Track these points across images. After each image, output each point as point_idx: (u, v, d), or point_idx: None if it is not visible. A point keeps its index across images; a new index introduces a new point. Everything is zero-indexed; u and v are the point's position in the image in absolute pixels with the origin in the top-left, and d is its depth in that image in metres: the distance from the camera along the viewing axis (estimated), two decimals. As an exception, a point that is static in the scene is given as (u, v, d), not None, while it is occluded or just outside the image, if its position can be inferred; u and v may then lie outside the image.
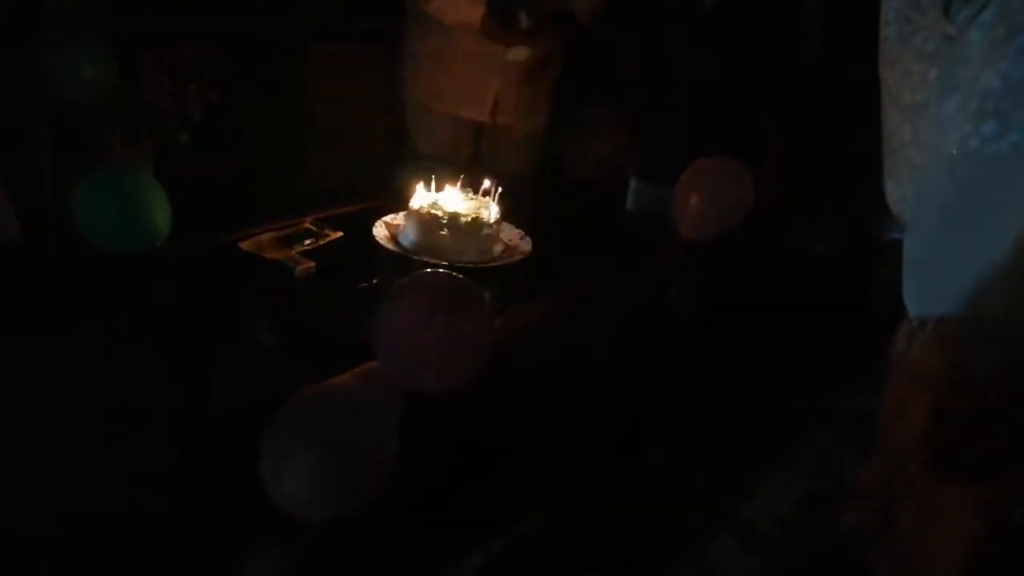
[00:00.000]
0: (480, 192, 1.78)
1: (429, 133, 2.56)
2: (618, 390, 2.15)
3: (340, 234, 1.74)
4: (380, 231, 1.72)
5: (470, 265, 1.61)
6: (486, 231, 1.68)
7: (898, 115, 1.23)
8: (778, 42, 2.22)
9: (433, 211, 1.67)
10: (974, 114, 1.07)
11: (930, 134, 1.15)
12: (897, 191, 1.27)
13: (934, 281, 1.17)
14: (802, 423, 2.29)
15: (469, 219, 1.66)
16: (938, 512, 1.21)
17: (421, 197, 1.73)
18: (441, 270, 1.35)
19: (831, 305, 2.41)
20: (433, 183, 1.77)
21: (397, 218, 1.79)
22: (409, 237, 1.69)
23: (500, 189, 1.76)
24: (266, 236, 1.70)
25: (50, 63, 2.15)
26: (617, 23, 2.52)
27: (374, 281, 1.55)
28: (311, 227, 1.76)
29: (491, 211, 1.72)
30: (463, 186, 1.78)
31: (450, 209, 1.68)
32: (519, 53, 2.34)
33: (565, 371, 2.10)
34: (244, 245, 1.65)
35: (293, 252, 1.63)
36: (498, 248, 1.72)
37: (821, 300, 2.43)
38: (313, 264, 1.58)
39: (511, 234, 1.80)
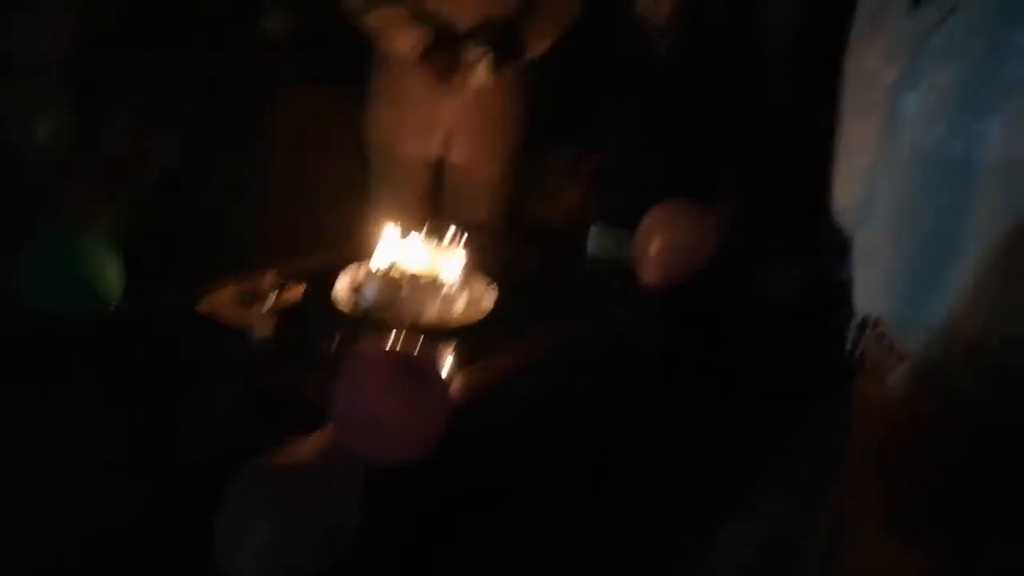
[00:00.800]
0: (446, 241, 1.78)
1: (389, 176, 2.54)
2: (584, 437, 2.14)
3: (302, 288, 1.72)
4: (341, 288, 1.71)
5: (431, 327, 1.61)
6: (446, 290, 1.67)
7: (853, 115, 1.23)
8: (737, 84, 2.24)
9: (392, 274, 1.66)
10: (929, 113, 1.08)
11: (884, 132, 1.15)
12: (845, 195, 1.26)
13: (881, 280, 1.18)
14: (766, 467, 2.29)
15: (430, 279, 1.66)
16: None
17: (383, 251, 1.72)
18: (398, 343, 1.34)
19: (793, 346, 2.43)
20: (398, 232, 1.76)
21: (360, 271, 1.78)
22: (370, 296, 1.68)
23: (465, 237, 1.76)
24: (227, 292, 1.67)
25: (3, 112, 2.11)
26: (575, 64, 2.55)
27: (333, 345, 1.54)
28: (273, 281, 1.74)
29: (455, 264, 1.71)
30: (427, 235, 1.77)
31: (410, 269, 1.67)
32: (480, 77, 2.32)
33: (530, 422, 2.09)
34: (203, 305, 1.63)
35: (253, 311, 1.61)
36: (460, 304, 1.71)
37: (783, 342, 2.45)
38: (271, 327, 1.56)
39: (476, 286, 1.79)
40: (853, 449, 1.36)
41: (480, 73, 2.27)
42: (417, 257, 1.73)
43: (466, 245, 1.76)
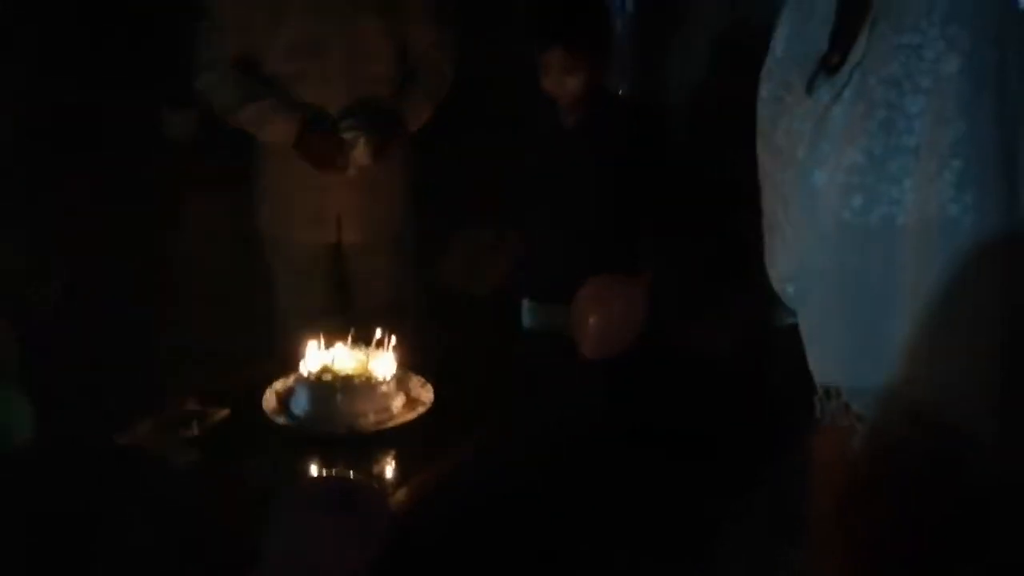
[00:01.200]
0: (373, 344, 1.72)
1: (287, 266, 2.48)
2: (538, 519, 2.07)
3: (227, 412, 1.63)
4: (270, 403, 1.63)
5: (369, 430, 1.53)
6: (382, 389, 1.61)
7: (772, 194, 1.26)
8: (643, 150, 2.27)
9: (323, 377, 1.59)
10: (842, 187, 1.11)
11: (803, 210, 1.18)
12: (778, 270, 1.29)
13: (828, 351, 1.20)
14: (723, 528, 2.26)
15: (363, 379, 1.59)
16: None
17: (311, 360, 1.65)
18: (330, 474, 1.28)
19: (741, 401, 2.43)
20: (321, 341, 1.70)
21: (288, 382, 1.70)
22: (302, 405, 1.61)
23: (393, 338, 1.71)
24: (146, 424, 1.57)
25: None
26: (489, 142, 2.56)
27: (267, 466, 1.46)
28: (195, 407, 1.64)
29: (386, 365, 1.65)
30: (353, 341, 1.71)
31: (342, 371, 1.61)
32: (359, 158, 2.30)
33: (482, 516, 2.02)
34: (121, 439, 1.52)
35: (176, 441, 1.51)
36: (398, 403, 1.65)
37: (730, 397, 2.45)
38: (195, 453, 1.46)
39: (412, 383, 1.73)
40: (813, 510, 1.36)
41: (359, 154, 2.26)
42: (346, 360, 1.66)
43: (396, 343, 1.70)
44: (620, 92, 2.93)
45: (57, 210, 2.53)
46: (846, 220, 1.11)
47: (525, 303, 2.44)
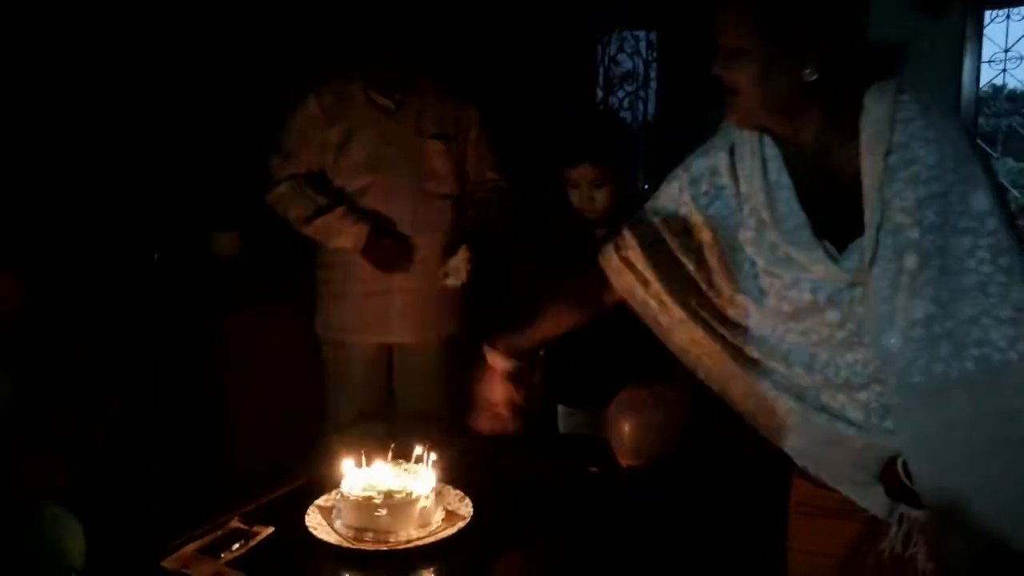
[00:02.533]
0: (413, 459, 1.75)
1: (345, 369, 2.60)
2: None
3: (271, 529, 1.65)
4: (313, 519, 1.65)
5: (411, 546, 1.54)
6: (423, 503, 1.62)
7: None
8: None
9: (366, 492, 1.61)
10: (923, 342, 1.15)
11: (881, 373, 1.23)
12: None
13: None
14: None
15: (404, 495, 1.61)
16: None
17: (352, 477, 1.68)
18: None
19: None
20: (363, 457, 1.73)
21: (330, 499, 1.72)
22: (344, 521, 1.62)
23: (433, 455, 1.73)
24: (190, 547, 1.60)
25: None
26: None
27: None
28: (239, 526, 1.67)
29: (426, 480, 1.67)
30: (394, 457, 1.74)
31: (383, 488, 1.63)
32: (456, 278, 2.45)
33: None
34: (167, 563, 1.54)
35: (221, 562, 1.53)
36: (438, 517, 1.66)
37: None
38: (240, 576, 1.48)
39: (450, 497, 1.74)
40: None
41: (460, 271, 2.42)
42: (386, 476, 1.69)
43: (435, 459, 1.73)
44: (646, 187, 3.03)
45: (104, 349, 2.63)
46: (940, 372, 1.14)
47: (561, 408, 2.46)
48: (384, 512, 1.59)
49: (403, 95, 2.57)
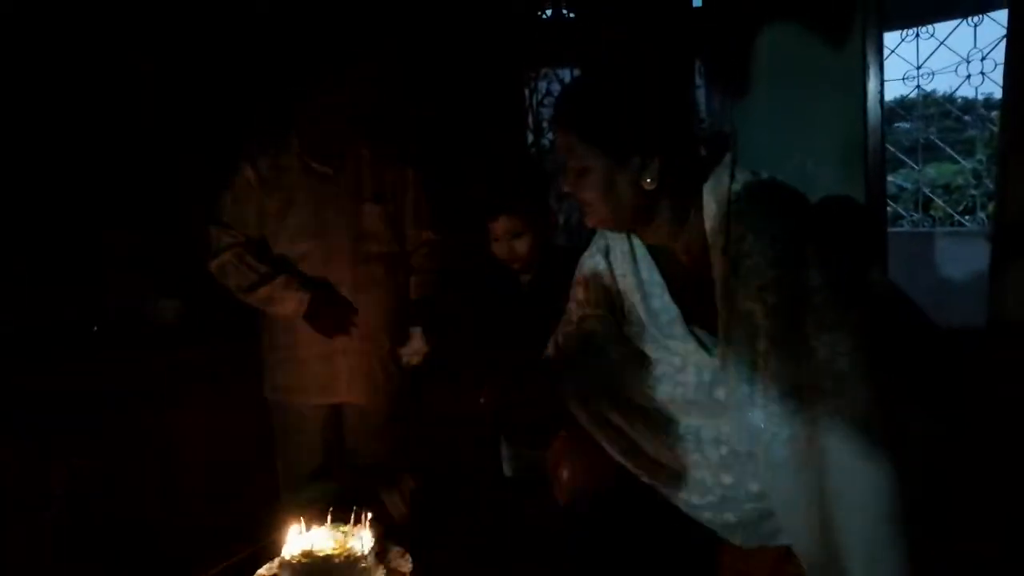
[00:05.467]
0: (352, 521, 1.79)
1: (295, 429, 2.63)
2: None
3: (214, 604, 1.68)
4: (256, 589, 1.68)
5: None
6: (361, 565, 1.66)
7: None
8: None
9: (305, 559, 1.65)
10: (781, 417, 1.27)
11: None
12: None
13: None
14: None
15: (343, 558, 1.65)
16: None
17: (293, 542, 1.71)
18: None
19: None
20: (303, 525, 1.76)
21: (273, 566, 1.75)
22: (287, 588, 1.66)
23: (370, 515, 1.78)
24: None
25: None
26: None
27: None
28: (183, 601, 1.70)
29: (364, 541, 1.71)
30: (332, 521, 1.78)
31: (322, 552, 1.67)
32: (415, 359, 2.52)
33: None
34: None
35: (165, 640, 1.56)
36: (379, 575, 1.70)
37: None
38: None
39: (392, 554, 1.78)
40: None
41: (419, 354, 2.51)
42: (325, 540, 1.73)
43: (372, 519, 1.77)
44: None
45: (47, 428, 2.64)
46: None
47: (504, 450, 2.51)
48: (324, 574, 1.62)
49: (340, 161, 2.62)
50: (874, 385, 1.19)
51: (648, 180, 1.37)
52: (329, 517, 1.78)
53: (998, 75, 4.20)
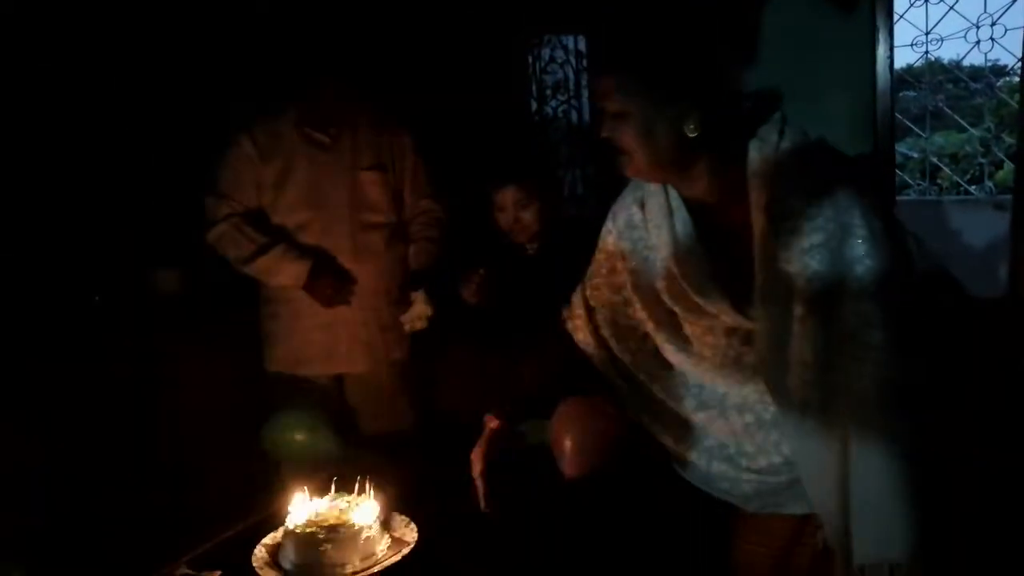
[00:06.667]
0: (355, 490, 1.77)
1: (293, 406, 2.60)
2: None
3: (218, 573, 1.67)
4: (259, 558, 1.67)
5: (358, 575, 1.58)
6: (366, 534, 1.65)
7: None
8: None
9: (309, 529, 1.64)
10: (814, 384, 1.25)
11: None
12: None
13: None
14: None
15: (347, 527, 1.64)
16: None
17: (297, 512, 1.70)
18: None
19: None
20: (307, 495, 1.75)
21: (277, 536, 1.74)
22: (289, 558, 1.65)
23: (372, 484, 1.76)
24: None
25: None
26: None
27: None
28: (186, 571, 1.68)
29: (369, 510, 1.70)
30: (336, 490, 1.77)
31: (327, 521, 1.66)
32: (417, 325, 2.48)
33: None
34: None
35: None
36: (383, 546, 1.69)
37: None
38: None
39: (396, 523, 1.78)
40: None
41: (422, 319, 2.47)
42: (331, 509, 1.72)
43: (376, 488, 1.76)
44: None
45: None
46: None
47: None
48: (328, 546, 1.61)
49: (337, 129, 2.58)
50: (903, 361, 1.16)
51: (690, 127, 1.32)
52: (333, 487, 1.77)
53: (1008, 41, 4.11)
